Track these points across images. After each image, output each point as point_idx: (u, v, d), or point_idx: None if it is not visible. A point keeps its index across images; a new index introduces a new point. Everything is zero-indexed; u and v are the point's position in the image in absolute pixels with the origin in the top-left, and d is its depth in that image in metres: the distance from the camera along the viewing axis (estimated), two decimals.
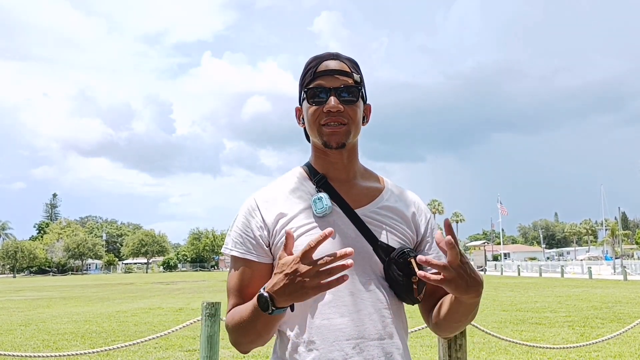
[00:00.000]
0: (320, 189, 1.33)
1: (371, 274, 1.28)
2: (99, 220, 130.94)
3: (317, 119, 1.29)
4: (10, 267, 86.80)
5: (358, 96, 1.31)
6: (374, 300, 1.27)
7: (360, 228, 1.30)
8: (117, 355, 7.64)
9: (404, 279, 1.27)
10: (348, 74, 1.30)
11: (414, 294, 1.28)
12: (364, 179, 1.39)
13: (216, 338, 3.91)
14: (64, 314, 14.66)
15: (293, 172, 1.41)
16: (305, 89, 1.32)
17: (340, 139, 1.29)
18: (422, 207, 1.43)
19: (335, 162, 1.35)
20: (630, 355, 7.13)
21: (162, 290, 26.63)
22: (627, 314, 12.12)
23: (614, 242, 54.83)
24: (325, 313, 1.24)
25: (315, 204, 1.29)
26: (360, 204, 1.33)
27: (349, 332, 1.23)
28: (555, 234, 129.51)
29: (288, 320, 1.27)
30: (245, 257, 1.30)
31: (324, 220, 1.28)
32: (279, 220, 1.29)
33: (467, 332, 4.08)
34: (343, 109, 1.28)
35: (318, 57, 1.33)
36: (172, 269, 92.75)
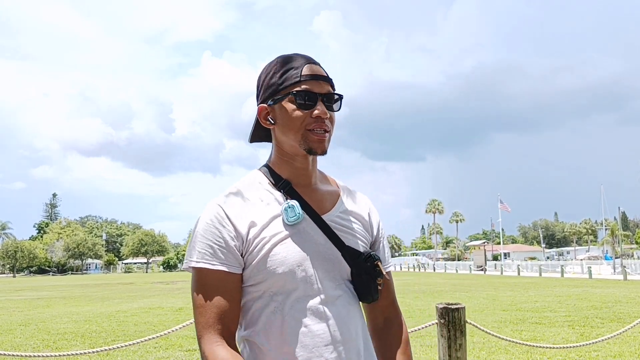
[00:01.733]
0: (287, 196, 1.31)
1: (340, 279, 1.31)
2: (99, 220, 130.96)
3: (303, 124, 1.27)
4: (10, 267, 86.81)
5: (341, 104, 1.33)
6: (345, 304, 1.30)
7: (328, 234, 1.30)
8: (117, 355, 7.64)
9: (370, 281, 1.32)
10: (330, 80, 1.32)
11: (378, 294, 1.34)
12: (322, 183, 1.40)
13: None
14: (64, 313, 14.66)
15: (254, 176, 1.36)
16: (293, 92, 1.27)
17: (326, 147, 1.30)
18: (373, 207, 1.46)
19: (301, 168, 1.33)
20: (630, 355, 7.13)
21: (162, 290, 26.63)
22: (627, 313, 12.12)
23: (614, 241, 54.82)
24: (302, 320, 1.24)
25: (287, 212, 1.27)
26: (325, 210, 1.33)
27: (327, 338, 1.24)
28: (555, 234, 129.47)
29: (261, 330, 1.25)
30: (220, 268, 1.22)
31: (294, 228, 1.27)
32: (250, 229, 1.25)
33: (467, 331, 4.08)
34: (329, 116, 1.29)
35: (296, 59, 1.31)
36: (172, 269, 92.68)
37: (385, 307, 1.42)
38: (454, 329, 3.42)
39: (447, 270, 58.96)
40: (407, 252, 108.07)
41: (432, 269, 64.26)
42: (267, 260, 1.23)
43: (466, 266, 58.26)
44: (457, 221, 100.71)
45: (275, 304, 1.25)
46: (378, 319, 1.42)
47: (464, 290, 22.22)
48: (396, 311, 1.44)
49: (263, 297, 1.26)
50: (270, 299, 1.25)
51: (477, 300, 16.71)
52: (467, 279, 35.57)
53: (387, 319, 1.42)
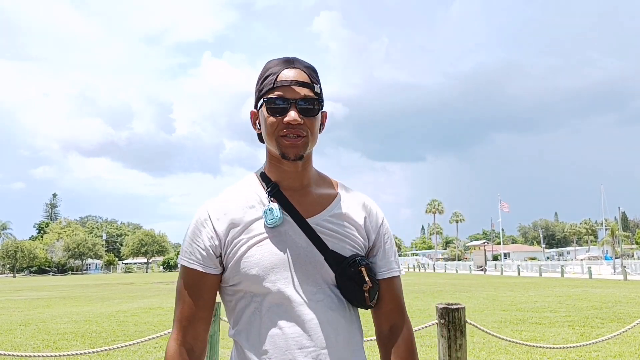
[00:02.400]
0: (272, 198, 1.32)
1: (322, 284, 1.29)
2: (99, 220, 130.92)
3: (276, 130, 1.28)
4: (10, 267, 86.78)
5: (319, 109, 1.31)
6: (326, 309, 1.28)
7: (311, 237, 1.29)
8: (117, 355, 7.64)
9: (355, 287, 1.29)
10: (308, 85, 1.29)
11: (365, 302, 1.32)
12: (317, 185, 1.38)
13: (216, 338, 3.91)
14: (64, 313, 14.66)
15: (246, 179, 1.40)
16: (265, 99, 1.29)
17: (299, 152, 1.28)
18: (374, 211, 1.41)
19: (289, 171, 1.34)
20: (630, 355, 7.13)
21: (162, 290, 26.64)
22: (627, 313, 12.12)
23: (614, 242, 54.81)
24: (278, 322, 1.26)
25: (266, 215, 1.29)
26: (312, 213, 1.33)
27: (300, 341, 1.24)
28: (555, 234, 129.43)
29: (242, 329, 1.29)
30: (194, 267, 1.29)
31: (275, 230, 1.28)
32: (230, 230, 1.29)
33: (467, 332, 4.08)
34: (303, 122, 1.27)
35: (279, 64, 1.31)
36: (172, 269, 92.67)
37: (390, 314, 1.37)
38: (454, 329, 3.42)
39: (447, 270, 58.96)
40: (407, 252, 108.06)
41: (432, 269, 64.27)
42: (242, 261, 1.26)
43: (466, 266, 58.25)
44: (457, 221, 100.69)
45: (255, 305, 1.28)
46: (383, 326, 1.37)
47: (464, 290, 22.21)
48: (402, 319, 1.38)
49: (245, 297, 1.29)
50: (251, 300, 1.28)
51: (477, 300, 16.71)
52: (467, 279, 35.56)
53: (392, 326, 1.37)
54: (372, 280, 1.31)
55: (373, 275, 1.33)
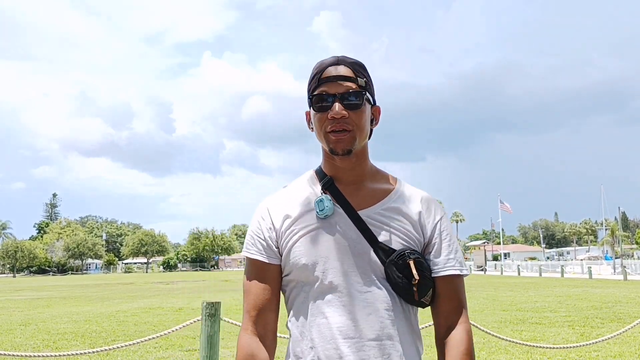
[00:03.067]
0: (325, 191, 1.35)
1: (372, 276, 1.29)
2: (99, 220, 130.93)
3: (323, 126, 1.31)
4: (10, 267, 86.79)
5: (362, 101, 1.31)
6: (373, 301, 1.28)
7: (361, 229, 1.30)
8: (117, 355, 7.64)
9: (404, 281, 1.28)
10: (352, 79, 1.31)
11: (413, 297, 1.29)
12: (373, 180, 1.39)
13: (216, 338, 3.91)
14: (64, 313, 14.66)
15: (305, 175, 1.44)
16: (310, 96, 1.33)
17: (346, 146, 1.30)
18: (432, 208, 1.39)
19: (343, 167, 1.36)
20: (630, 355, 7.12)
21: (162, 290, 26.63)
22: (627, 313, 12.12)
23: (614, 242, 54.78)
24: (324, 312, 1.28)
25: (317, 205, 1.32)
26: (365, 206, 1.33)
27: (345, 332, 1.25)
28: (555, 234, 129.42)
29: (294, 316, 1.34)
30: (256, 257, 1.35)
31: (325, 221, 1.31)
32: (284, 221, 1.34)
33: None
34: (347, 114, 1.28)
35: (323, 63, 1.34)
36: (172, 269, 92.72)
37: (447, 315, 1.34)
38: None
39: None
40: None
41: None
42: (292, 251, 1.31)
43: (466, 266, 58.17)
44: (457, 221, 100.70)
45: (304, 294, 1.32)
46: (441, 326, 1.34)
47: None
48: (460, 319, 1.33)
49: (296, 287, 1.34)
50: (301, 289, 1.33)
51: (477, 300, 16.70)
52: (467, 279, 35.41)
53: (450, 327, 1.33)
54: (423, 275, 1.29)
55: (426, 271, 1.31)
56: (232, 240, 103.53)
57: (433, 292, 1.34)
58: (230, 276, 49.95)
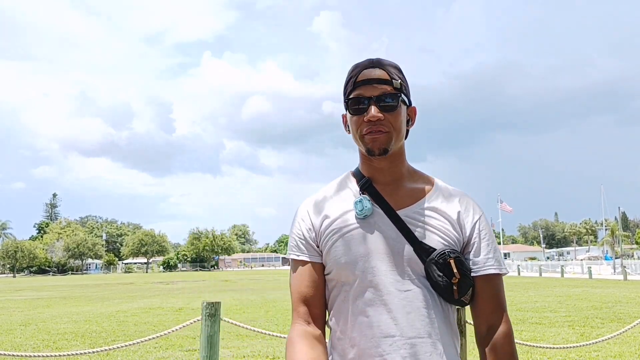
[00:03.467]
0: (364, 191, 1.37)
1: (412, 274, 1.30)
2: (99, 220, 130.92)
3: (359, 129, 1.33)
4: (10, 267, 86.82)
5: (398, 102, 1.33)
6: (414, 299, 1.29)
7: (401, 229, 1.31)
8: (117, 355, 7.64)
9: (444, 279, 1.29)
10: (387, 81, 1.32)
11: (453, 296, 1.31)
12: (411, 180, 1.41)
13: (216, 338, 3.91)
14: (64, 313, 14.66)
15: (343, 176, 1.46)
16: (347, 100, 1.35)
17: (382, 146, 1.32)
18: (471, 208, 1.39)
19: (380, 167, 1.38)
20: (630, 355, 7.12)
21: (162, 290, 26.64)
22: (627, 313, 12.12)
23: (614, 242, 54.79)
24: (365, 311, 1.29)
25: (356, 206, 1.34)
26: (403, 205, 1.35)
27: (385, 330, 1.27)
28: (555, 234, 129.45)
29: (334, 315, 1.35)
30: (301, 258, 1.38)
31: (364, 221, 1.33)
32: (323, 221, 1.36)
33: (467, 332, 4.07)
34: (383, 117, 1.30)
35: (358, 66, 1.35)
36: (172, 269, 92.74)
37: (488, 314, 1.33)
38: None
39: None
40: None
41: None
42: (332, 251, 1.33)
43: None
44: None
45: (344, 293, 1.33)
46: (481, 327, 1.34)
47: None
48: (501, 319, 1.33)
49: (336, 286, 1.35)
50: (341, 288, 1.34)
51: None
52: None
53: (490, 327, 1.32)
54: (463, 274, 1.30)
55: (466, 270, 1.31)
56: (232, 240, 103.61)
57: (473, 291, 1.34)
58: (230, 276, 49.96)
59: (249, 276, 48.17)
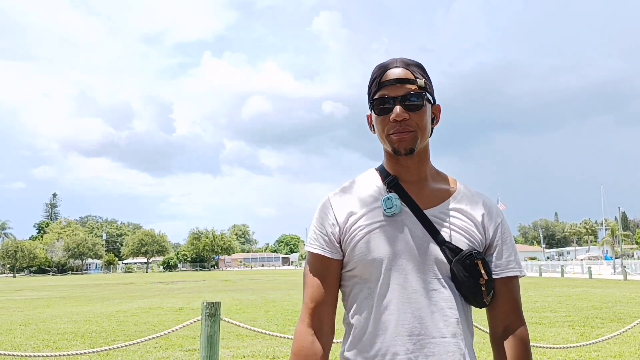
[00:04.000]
0: (390, 189, 1.37)
1: (438, 274, 1.31)
2: (99, 220, 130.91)
3: (385, 129, 1.34)
4: (10, 267, 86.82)
5: (423, 102, 1.34)
6: (438, 299, 1.30)
7: (428, 228, 1.32)
8: (117, 355, 7.64)
9: (471, 280, 1.30)
10: (412, 80, 1.33)
11: (482, 296, 1.32)
12: (435, 181, 1.42)
13: (216, 338, 3.91)
14: (64, 313, 14.66)
15: (367, 172, 1.46)
16: (372, 100, 1.36)
17: (408, 145, 1.33)
18: (494, 211, 1.41)
19: (406, 166, 1.39)
20: (630, 355, 7.12)
21: (162, 290, 26.63)
22: (627, 313, 12.12)
23: (614, 242, 54.81)
24: (389, 309, 1.29)
25: (385, 203, 1.34)
26: (430, 205, 1.36)
27: (410, 329, 1.28)
28: (555, 234, 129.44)
29: (355, 314, 1.35)
30: (319, 252, 1.37)
31: (392, 219, 1.33)
32: (349, 218, 1.36)
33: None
34: (409, 116, 1.32)
35: (382, 66, 1.37)
36: (172, 269, 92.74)
37: (506, 315, 1.35)
38: None
39: None
40: None
41: None
42: (357, 247, 1.32)
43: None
44: None
45: (367, 291, 1.33)
46: (498, 327, 1.36)
47: None
48: (518, 321, 1.36)
49: (359, 283, 1.35)
50: (364, 285, 1.34)
51: None
52: None
53: (506, 328, 1.35)
54: (489, 275, 1.32)
55: (489, 272, 1.33)
56: (232, 240, 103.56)
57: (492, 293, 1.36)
58: (230, 276, 49.96)
59: (249, 276, 48.17)
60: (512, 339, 1.33)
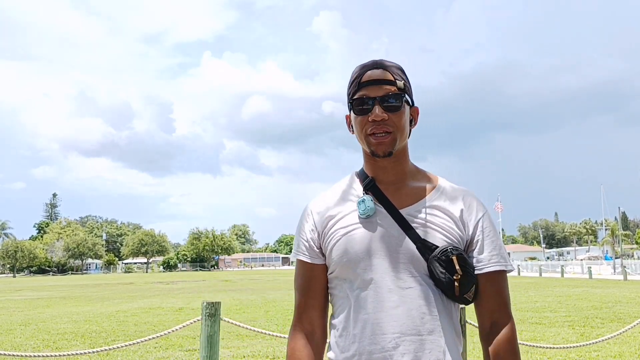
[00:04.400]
0: (367, 191, 1.38)
1: (414, 272, 1.32)
2: (99, 220, 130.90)
3: (364, 129, 1.35)
4: (10, 267, 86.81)
5: (402, 103, 1.35)
6: (415, 297, 1.30)
7: (403, 227, 1.33)
8: (117, 355, 7.64)
9: (446, 276, 1.30)
10: (391, 82, 1.34)
11: (461, 293, 1.32)
12: (415, 179, 1.42)
13: (216, 338, 3.91)
14: (64, 313, 14.66)
15: (347, 177, 1.48)
16: (351, 100, 1.37)
17: (387, 148, 1.34)
18: (474, 205, 1.39)
19: (384, 167, 1.40)
20: (630, 355, 7.12)
21: (162, 290, 26.64)
22: (627, 313, 12.12)
23: (614, 242, 54.79)
24: (366, 309, 1.31)
25: (359, 205, 1.36)
26: (406, 204, 1.37)
27: (386, 327, 1.29)
28: (555, 234, 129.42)
29: (337, 315, 1.38)
30: (301, 259, 1.41)
31: (367, 221, 1.35)
32: (327, 222, 1.39)
33: (467, 332, 4.08)
34: (388, 117, 1.33)
35: (362, 67, 1.39)
36: (172, 269, 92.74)
37: (491, 311, 1.35)
38: None
39: None
40: None
41: None
42: (334, 250, 1.35)
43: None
44: None
45: (347, 291, 1.35)
46: (485, 324, 1.36)
47: None
48: (505, 317, 1.35)
49: (339, 285, 1.38)
50: (344, 286, 1.37)
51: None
52: None
53: (494, 323, 1.34)
54: (465, 271, 1.31)
55: (469, 267, 1.32)
56: (232, 240, 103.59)
57: (476, 289, 1.35)
58: (230, 276, 49.95)
59: (249, 276, 48.16)
60: (498, 336, 1.33)
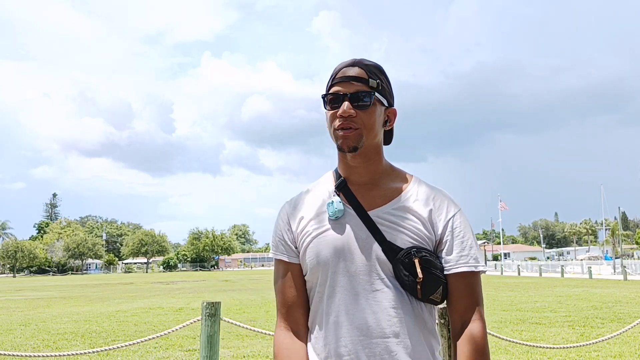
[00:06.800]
0: (338, 192, 1.39)
1: (381, 274, 1.32)
2: (99, 220, 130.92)
3: (333, 123, 1.36)
4: (10, 267, 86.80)
5: (371, 101, 1.35)
6: (382, 299, 1.31)
7: (371, 229, 1.33)
8: (117, 355, 7.64)
9: (410, 279, 1.30)
10: (364, 80, 1.35)
11: (427, 294, 1.32)
12: (388, 180, 1.41)
13: (216, 338, 3.91)
14: (64, 313, 14.66)
15: (324, 176, 1.49)
16: (324, 94, 1.40)
17: (351, 143, 1.33)
18: (444, 205, 1.38)
19: (354, 166, 1.39)
20: (630, 355, 7.12)
21: (162, 290, 26.64)
22: (627, 313, 12.12)
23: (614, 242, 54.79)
24: (336, 311, 1.32)
25: (328, 207, 1.37)
26: (376, 206, 1.36)
27: (352, 330, 1.30)
28: (555, 234, 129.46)
29: (312, 315, 1.40)
30: (279, 257, 1.43)
31: (337, 223, 1.36)
32: (300, 223, 1.40)
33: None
34: (355, 113, 1.33)
35: (341, 64, 1.40)
36: (172, 269, 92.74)
37: (461, 313, 1.34)
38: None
39: None
40: None
41: None
42: (306, 252, 1.36)
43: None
44: None
45: (319, 295, 1.37)
46: (456, 324, 1.35)
47: None
48: (475, 317, 1.33)
49: (313, 287, 1.39)
50: (316, 289, 1.38)
51: None
52: None
53: (464, 324, 1.33)
54: (429, 273, 1.30)
55: (434, 269, 1.31)
56: (232, 240, 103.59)
57: (445, 289, 1.34)
58: (230, 276, 49.96)
59: (249, 276, 48.18)
60: (468, 335, 1.31)
